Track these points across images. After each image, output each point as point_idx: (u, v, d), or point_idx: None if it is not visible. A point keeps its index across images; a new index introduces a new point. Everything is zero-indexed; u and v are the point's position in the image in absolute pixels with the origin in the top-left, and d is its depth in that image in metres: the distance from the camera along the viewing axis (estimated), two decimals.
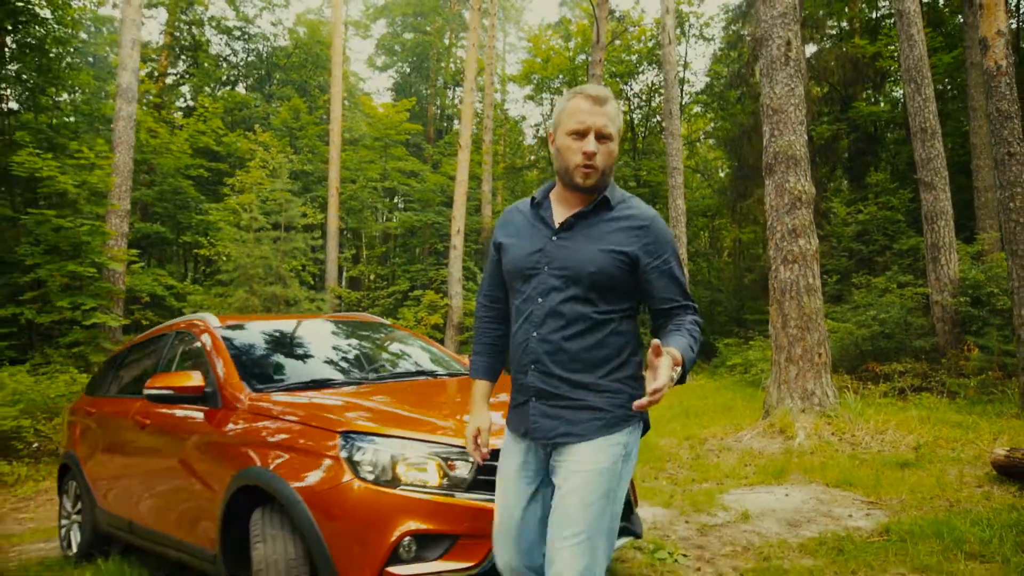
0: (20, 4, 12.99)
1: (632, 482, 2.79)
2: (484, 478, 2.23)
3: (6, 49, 13.60)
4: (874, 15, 19.83)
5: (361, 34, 33.68)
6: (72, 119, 17.13)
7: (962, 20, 14.28)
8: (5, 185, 14.59)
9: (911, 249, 13.32)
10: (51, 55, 14.19)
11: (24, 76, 14.02)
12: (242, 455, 2.53)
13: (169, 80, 25.03)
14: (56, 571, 3.75)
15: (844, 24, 20.14)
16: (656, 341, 1.46)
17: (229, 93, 24.67)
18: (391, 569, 2.11)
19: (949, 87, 17.72)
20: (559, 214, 1.81)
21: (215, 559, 2.66)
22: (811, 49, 19.53)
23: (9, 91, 14.45)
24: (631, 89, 26.68)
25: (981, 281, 9.56)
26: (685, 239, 14.98)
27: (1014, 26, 15.56)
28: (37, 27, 13.56)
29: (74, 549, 4.00)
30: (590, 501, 1.64)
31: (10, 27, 13.25)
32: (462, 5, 32.71)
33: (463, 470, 2.25)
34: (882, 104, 17.80)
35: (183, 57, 25.84)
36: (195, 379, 2.84)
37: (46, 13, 13.37)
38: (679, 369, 1.51)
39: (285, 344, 3.45)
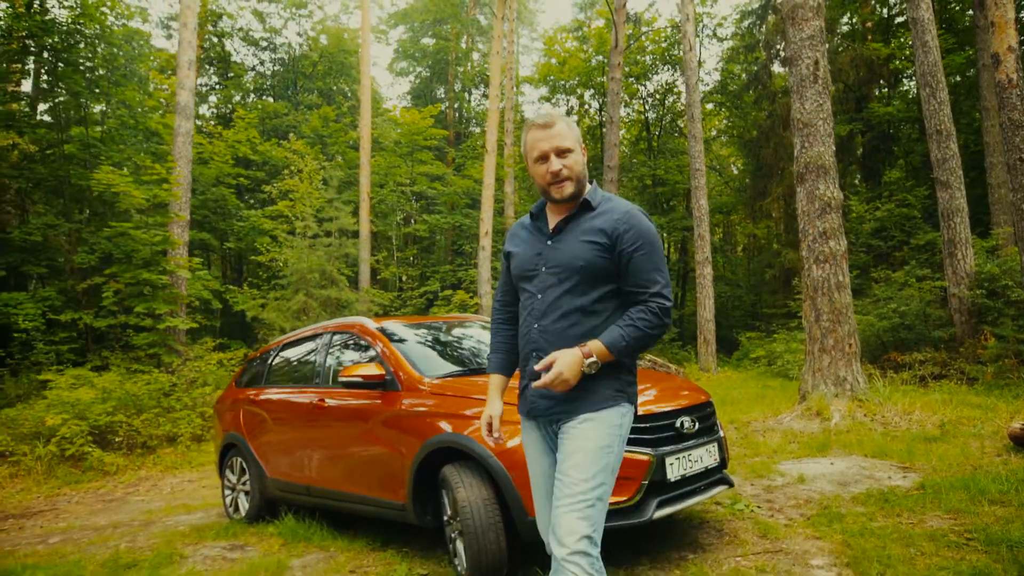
0: (73, 26, 13.85)
1: (725, 440, 3.55)
2: (630, 436, 3.00)
3: (57, 67, 14.43)
4: (886, 13, 20.32)
5: (380, 39, 34.44)
6: (113, 130, 17.96)
7: (973, 22, 14.85)
8: (61, 198, 15.45)
9: (928, 244, 13.95)
10: (97, 73, 15.03)
11: (77, 92, 14.84)
12: (430, 425, 3.31)
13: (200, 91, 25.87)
14: (236, 530, 4.55)
15: (855, 20, 20.58)
16: (546, 360, 1.88)
17: (262, 103, 25.52)
18: None
19: (962, 84, 18.24)
20: (552, 222, 2.08)
21: (404, 507, 3.45)
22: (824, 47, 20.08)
23: (60, 106, 15.27)
24: (646, 89, 27.31)
25: (996, 274, 10.20)
26: (708, 237, 15.66)
27: None
28: (85, 47, 14.41)
29: (242, 514, 4.82)
30: (591, 474, 1.86)
31: (60, 47, 14.12)
32: (479, 10, 33.47)
33: None
34: (896, 104, 18.32)
35: (212, 69, 26.72)
36: (377, 369, 3.63)
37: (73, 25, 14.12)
38: (591, 360, 1.87)
39: (426, 339, 4.23)
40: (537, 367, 1.90)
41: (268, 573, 3.44)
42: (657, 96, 27.11)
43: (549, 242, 2.04)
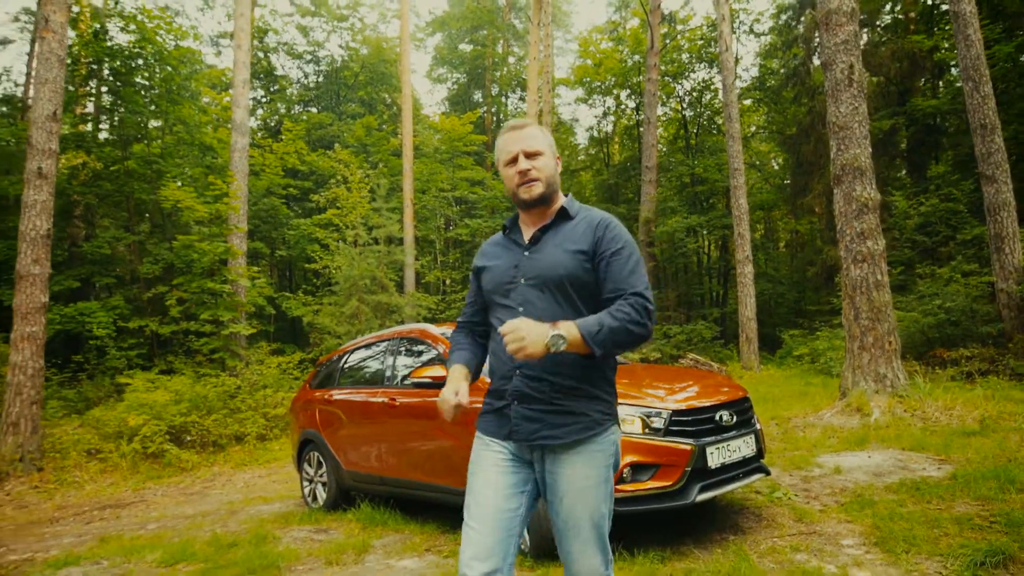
0: (133, 49, 14.71)
1: (761, 433, 3.87)
2: (673, 428, 3.37)
3: (119, 88, 15.35)
4: (929, 2, 19.98)
5: (418, 47, 35.17)
6: (171, 146, 18.92)
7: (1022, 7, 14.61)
8: (125, 211, 16.40)
9: (975, 239, 13.80)
10: (155, 92, 15.90)
11: (138, 111, 15.74)
12: None
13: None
14: (317, 516, 5.05)
15: (897, 10, 20.28)
16: (512, 322, 1.71)
17: (308, 114, 26.42)
18: (619, 486, 3.26)
19: (1012, 72, 17.87)
20: (527, 233, 2.00)
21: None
22: (864, 39, 19.93)
23: (122, 125, 16.20)
24: (683, 88, 27.34)
25: None
26: (748, 236, 15.76)
27: None
28: (144, 68, 15.28)
29: (320, 503, 5.32)
30: (599, 510, 1.83)
31: (121, 70, 15.02)
32: (514, 14, 33.92)
33: (657, 423, 3.39)
34: (941, 96, 18.08)
35: (259, 83, 27.75)
36: (443, 371, 4.06)
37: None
38: (555, 333, 1.68)
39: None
40: (500, 329, 1.73)
41: (355, 551, 3.90)
42: (694, 94, 27.12)
43: (526, 253, 1.96)
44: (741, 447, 3.60)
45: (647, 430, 3.37)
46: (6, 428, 8.19)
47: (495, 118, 33.17)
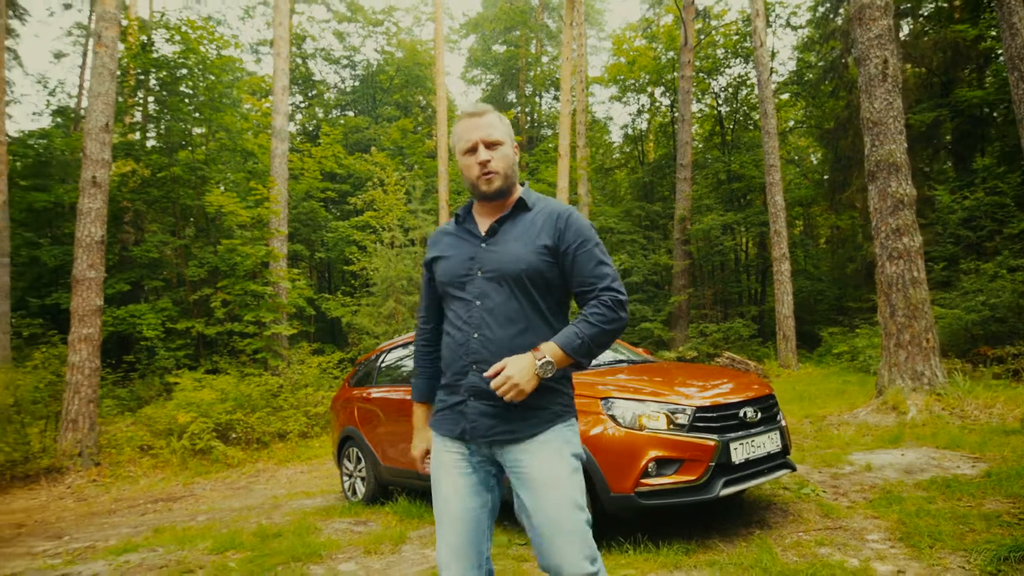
0: (178, 60, 15.24)
1: (786, 429, 3.93)
2: (697, 424, 3.47)
3: (165, 97, 15.93)
4: None
5: (452, 49, 35.51)
6: (214, 152, 19.53)
7: None
8: (171, 216, 17.00)
9: (1022, 233, 13.44)
10: (199, 100, 16.45)
11: (182, 119, 16.31)
12: None
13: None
14: (357, 510, 5.27)
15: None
16: (495, 367, 1.70)
17: (345, 118, 26.96)
18: (644, 480, 3.37)
19: None
20: (483, 224, 1.92)
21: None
22: (905, 30, 19.50)
23: (167, 133, 16.81)
24: (718, 83, 27.08)
25: None
26: (785, 233, 15.58)
27: None
28: (189, 77, 15.82)
29: (359, 496, 5.54)
30: (573, 501, 1.73)
31: (167, 80, 15.58)
32: (547, 14, 33.99)
33: (682, 419, 3.49)
34: (987, 87, 17.58)
35: (297, 89, 28.39)
36: None
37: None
38: (543, 361, 1.70)
39: None
40: (486, 374, 1.74)
41: (392, 541, 4.09)
42: (730, 90, 26.83)
43: (483, 244, 1.88)
44: (766, 443, 3.67)
45: (672, 426, 3.47)
46: (66, 425, 8.64)
47: (529, 118, 33.30)
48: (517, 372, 1.68)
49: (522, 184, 1.99)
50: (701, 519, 3.99)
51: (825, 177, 23.54)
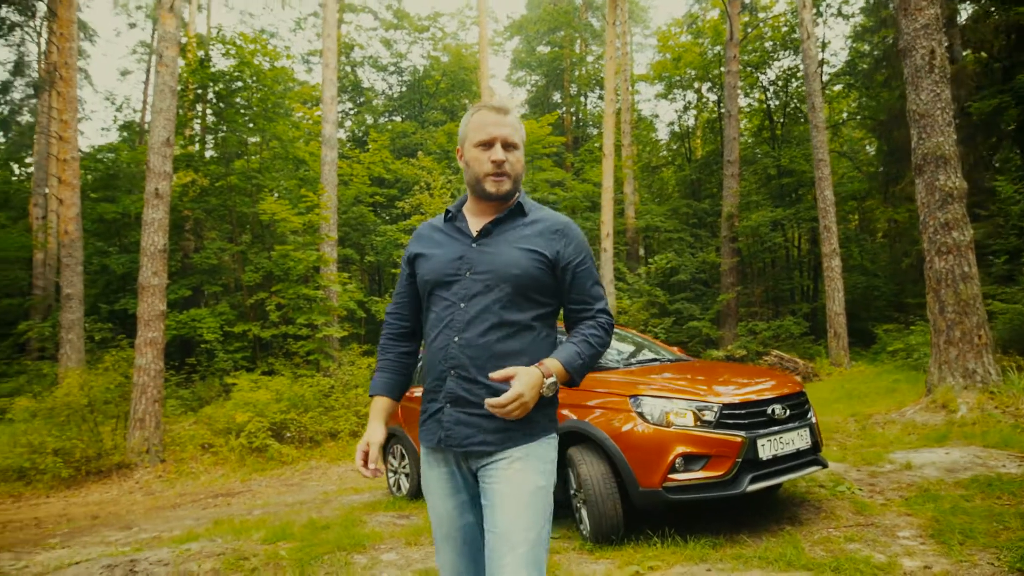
0: (234, 74, 15.87)
1: (817, 427, 3.96)
2: (724, 421, 3.54)
3: (221, 109, 16.61)
4: None
5: (496, 52, 35.81)
6: (267, 161, 20.24)
7: None
8: (228, 223, 17.70)
9: None
10: (253, 111, 17.07)
11: (238, 129, 16.97)
12: (559, 415, 4.00)
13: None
14: (401, 504, 5.51)
15: None
16: (505, 371, 1.61)
17: (392, 124, 27.55)
18: (671, 475, 3.46)
19: None
20: (474, 224, 1.84)
21: None
22: (963, 15, 18.78)
23: (223, 143, 17.52)
24: (767, 77, 26.58)
25: None
26: (835, 229, 15.24)
27: None
28: (244, 90, 16.46)
29: (403, 492, 5.78)
30: (531, 522, 1.63)
31: (223, 93, 16.24)
32: (591, 13, 33.94)
33: (709, 416, 3.57)
34: None
35: (347, 96, 29.14)
36: None
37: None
38: (550, 379, 1.65)
39: None
40: (494, 376, 1.64)
41: (431, 533, 4.28)
42: (779, 83, 26.31)
43: (474, 245, 1.79)
44: (795, 440, 3.71)
45: (699, 423, 3.56)
46: (134, 423, 9.18)
47: (574, 118, 33.32)
48: (528, 390, 1.60)
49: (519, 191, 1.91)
50: (731, 515, 4.06)
51: (880, 169, 22.84)
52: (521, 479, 1.66)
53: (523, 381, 1.60)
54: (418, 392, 5.65)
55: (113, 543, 5.11)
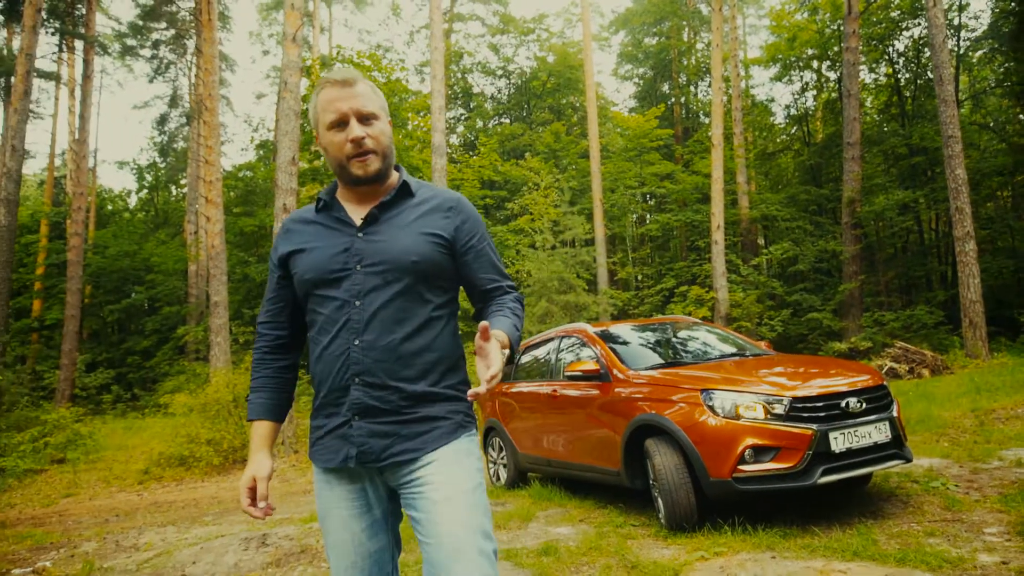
0: None
1: (899, 420, 3.92)
2: (795, 414, 3.63)
3: None
4: None
5: (602, 47, 35.71)
6: None
7: None
8: None
9: None
10: None
11: None
12: (635, 407, 4.23)
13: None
14: (499, 493, 5.93)
15: None
16: (484, 323, 1.39)
17: (501, 126, 28.32)
18: (741, 467, 3.60)
19: None
20: (355, 212, 1.64)
21: (618, 473, 4.41)
22: None
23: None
24: (895, 49, 24.78)
25: None
26: (968, 210, 14.07)
27: None
28: None
29: (501, 481, 6.20)
30: (474, 524, 1.50)
31: None
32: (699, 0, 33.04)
33: (779, 408, 3.67)
34: None
35: (458, 102, 30.22)
36: (593, 365, 4.65)
37: None
38: (507, 351, 1.47)
39: (637, 339, 5.15)
40: (489, 375, 1.36)
41: (520, 519, 4.64)
42: (909, 54, 24.45)
43: (360, 234, 1.60)
44: (872, 433, 3.71)
45: (769, 415, 3.66)
46: None
47: (683, 109, 32.63)
48: (499, 365, 1.39)
49: (397, 168, 1.73)
50: (810, 507, 4.10)
51: None
52: (457, 480, 1.53)
53: (498, 364, 1.39)
54: (513, 388, 6.04)
55: (253, 521, 5.88)
